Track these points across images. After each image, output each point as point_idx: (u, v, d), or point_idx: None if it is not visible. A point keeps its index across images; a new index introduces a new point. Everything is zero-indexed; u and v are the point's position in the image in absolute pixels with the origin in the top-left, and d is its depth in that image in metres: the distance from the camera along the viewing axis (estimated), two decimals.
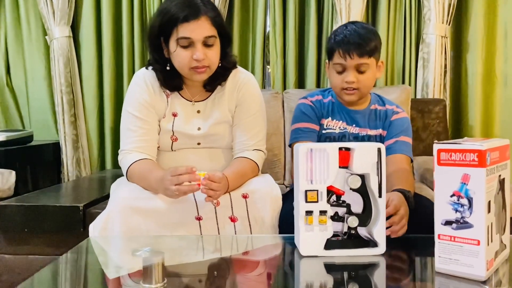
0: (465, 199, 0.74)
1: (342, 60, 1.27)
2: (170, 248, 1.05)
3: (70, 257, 0.98)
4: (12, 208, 1.47)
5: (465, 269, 0.76)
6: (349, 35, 1.26)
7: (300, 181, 0.91)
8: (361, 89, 1.30)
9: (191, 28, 1.19)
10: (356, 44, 1.25)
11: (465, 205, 0.75)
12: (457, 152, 0.75)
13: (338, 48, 1.27)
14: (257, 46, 2.28)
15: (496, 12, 2.23)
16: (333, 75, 1.33)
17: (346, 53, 1.25)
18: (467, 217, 0.75)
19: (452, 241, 0.77)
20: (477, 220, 0.74)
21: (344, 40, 1.26)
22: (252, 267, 0.95)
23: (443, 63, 2.18)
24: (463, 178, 0.74)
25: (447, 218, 0.77)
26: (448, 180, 0.76)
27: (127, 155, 1.30)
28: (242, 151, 1.35)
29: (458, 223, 0.76)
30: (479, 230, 0.74)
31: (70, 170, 2.34)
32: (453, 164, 0.75)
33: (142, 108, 1.31)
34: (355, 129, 1.37)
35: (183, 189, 1.09)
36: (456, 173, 0.75)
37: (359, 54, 1.25)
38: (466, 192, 0.74)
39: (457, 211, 0.76)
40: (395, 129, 1.36)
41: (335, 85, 1.33)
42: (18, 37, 2.43)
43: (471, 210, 0.74)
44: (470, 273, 0.75)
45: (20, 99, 2.47)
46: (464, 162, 0.74)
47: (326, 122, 1.38)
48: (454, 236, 0.77)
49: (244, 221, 1.19)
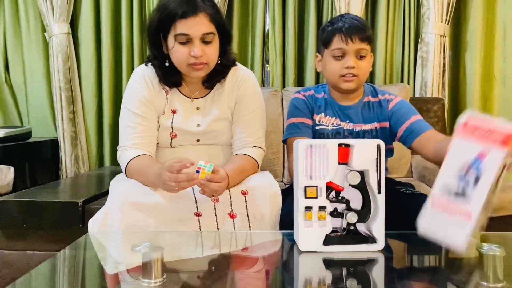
0: (474, 175, 0.74)
1: (343, 45, 1.26)
2: (170, 244, 1.05)
3: (69, 252, 0.98)
4: (11, 203, 1.47)
5: (449, 239, 0.76)
6: (349, 21, 1.28)
7: (299, 177, 0.91)
8: (360, 76, 1.29)
9: (189, 24, 1.19)
10: (358, 29, 1.27)
11: (471, 181, 0.74)
12: (484, 130, 0.75)
13: (339, 33, 1.27)
14: (257, 44, 2.28)
15: (495, 11, 2.24)
16: (330, 63, 1.30)
17: (348, 36, 1.25)
18: (468, 191, 0.74)
19: (444, 210, 0.77)
20: (477, 197, 0.74)
21: (345, 25, 1.27)
22: (251, 263, 0.95)
23: (441, 62, 2.19)
24: (480, 155, 0.74)
25: (448, 186, 0.77)
26: (465, 151, 0.76)
27: (125, 152, 1.30)
28: (242, 148, 1.35)
29: (456, 195, 0.76)
30: (475, 207, 0.73)
31: (68, 167, 2.33)
32: (476, 137, 0.75)
33: (141, 105, 1.31)
34: (349, 125, 1.35)
35: (182, 185, 1.09)
36: (475, 148, 0.75)
37: (360, 39, 1.26)
38: (478, 169, 0.74)
39: (460, 182, 0.75)
40: (400, 114, 1.32)
41: (333, 72, 1.30)
42: (17, 34, 2.42)
43: (475, 188, 0.74)
44: (452, 243, 0.76)
45: (19, 95, 2.46)
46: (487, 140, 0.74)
47: (319, 118, 1.37)
48: (448, 206, 0.76)
49: (243, 218, 1.20)
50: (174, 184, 1.08)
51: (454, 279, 0.82)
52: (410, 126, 1.29)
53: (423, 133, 1.25)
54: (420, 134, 1.25)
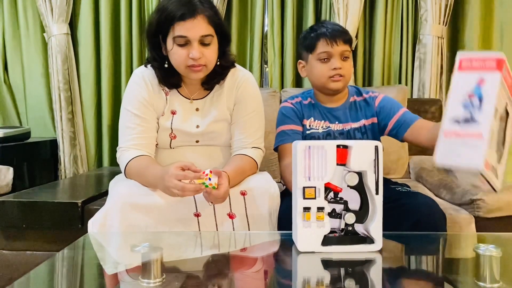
0: (477, 100, 0.77)
1: (329, 48, 1.34)
2: (169, 244, 1.05)
3: (68, 253, 0.98)
4: (11, 204, 1.47)
5: (465, 161, 0.77)
6: (331, 26, 1.37)
7: (298, 177, 0.92)
8: (346, 76, 1.36)
9: (187, 26, 1.20)
10: (340, 32, 1.36)
11: (475, 105, 0.78)
12: (478, 60, 0.79)
13: (323, 38, 1.35)
14: (255, 45, 2.29)
15: (492, 13, 2.25)
16: (317, 67, 1.37)
17: (333, 40, 1.33)
18: (475, 114, 0.77)
19: (457, 137, 0.79)
20: (484, 117, 0.76)
21: (328, 30, 1.35)
22: (250, 263, 0.96)
23: (439, 63, 2.20)
24: (479, 82, 0.78)
25: (456, 116, 0.79)
26: (465, 83, 0.80)
27: (125, 152, 1.30)
28: (241, 148, 1.36)
29: (465, 121, 0.78)
30: (484, 125, 0.76)
31: (67, 167, 2.34)
32: (472, 68, 0.80)
33: (140, 106, 1.32)
34: (338, 125, 1.40)
35: (187, 194, 1.09)
36: (473, 77, 0.79)
37: (344, 41, 1.34)
38: (480, 94, 0.77)
39: (466, 109, 0.78)
40: (388, 109, 1.38)
41: (321, 75, 1.36)
42: (16, 34, 2.43)
43: (481, 110, 0.77)
44: (468, 164, 0.77)
45: (18, 96, 2.47)
46: (483, 69, 0.79)
47: (309, 123, 1.42)
48: (459, 132, 0.78)
49: (242, 218, 1.20)
50: (179, 192, 1.08)
51: (451, 280, 0.82)
52: (399, 119, 1.34)
53: (413, 123, 1.31)
54: (411, 124, 1.31)
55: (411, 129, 1.30)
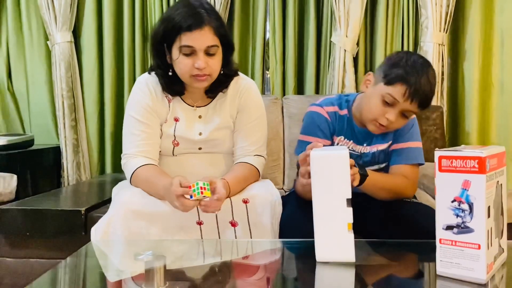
0: (466, 205, 0.76)
1: (401, 99, 1.18)
2: (171, 252, 1.06)
3: (72, 261, 0.98)
4: (14, 212, 1.48)
5: (466, 273, 0.77)
6: (423, 83, 1.17)
7: (342, 187, 0.88)
8: (391, 129, 1.28)
9: (194, 37, 1.21)
10: (425, 97, 1.19)
11: (466, 210, 0.76)
12: (458, 159, 0.77)
13: (406, 88, 1.17)
14: (257, 52, 2.31)
15: (493, 20, 2.26)
16: (377, 103, 1.21)
17: (411, 98, 1.17)
18: (468, 222, 0.76)
19: (453, 245, 0.78)
20: (478, 224, 0.75)
21: (416, 86, 1.16)
22: (252, 271, 0.96)
23: (440, 70, 2.21)
24: (464, 184, 0.76)
25: (448, 223, 0.79)
26: (449, 186, 0.78)
27: (131, 160, 1.30)
28: (243, 156, 1.37)
29: (459, 228, 0.77)
30: (480, 234, 0.75)
31: (70, 174, 2.35)
32: (454, 170, 0.77)
33: (144, 112, 1.33)
34: (366, 148, 1.34)
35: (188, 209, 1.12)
36: (457, 179, 0.77)
37: (419, 105, 1.19)
38: (467, 198, 0.76)
39: (458, 216, 0.77)
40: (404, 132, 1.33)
41: (375, 112, 1.22)
42: (19, 42, 2.45)
43: (472, 215, 0.75)
44: (471, 276, 0.77)
45: (21, 103, 2.49)
46: (465, 169, 0.76)
47: (337, 141, 1.34)
48: (455, 241, 0.78)
49: (244, 226, 1.21)
50: (182, 208, 1.11)
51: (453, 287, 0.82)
52: (400, 149, 1.32)
53: (394, 166, 1.30)
54: (393, 165, 1.30)
55: (391, 168, 1.30)
